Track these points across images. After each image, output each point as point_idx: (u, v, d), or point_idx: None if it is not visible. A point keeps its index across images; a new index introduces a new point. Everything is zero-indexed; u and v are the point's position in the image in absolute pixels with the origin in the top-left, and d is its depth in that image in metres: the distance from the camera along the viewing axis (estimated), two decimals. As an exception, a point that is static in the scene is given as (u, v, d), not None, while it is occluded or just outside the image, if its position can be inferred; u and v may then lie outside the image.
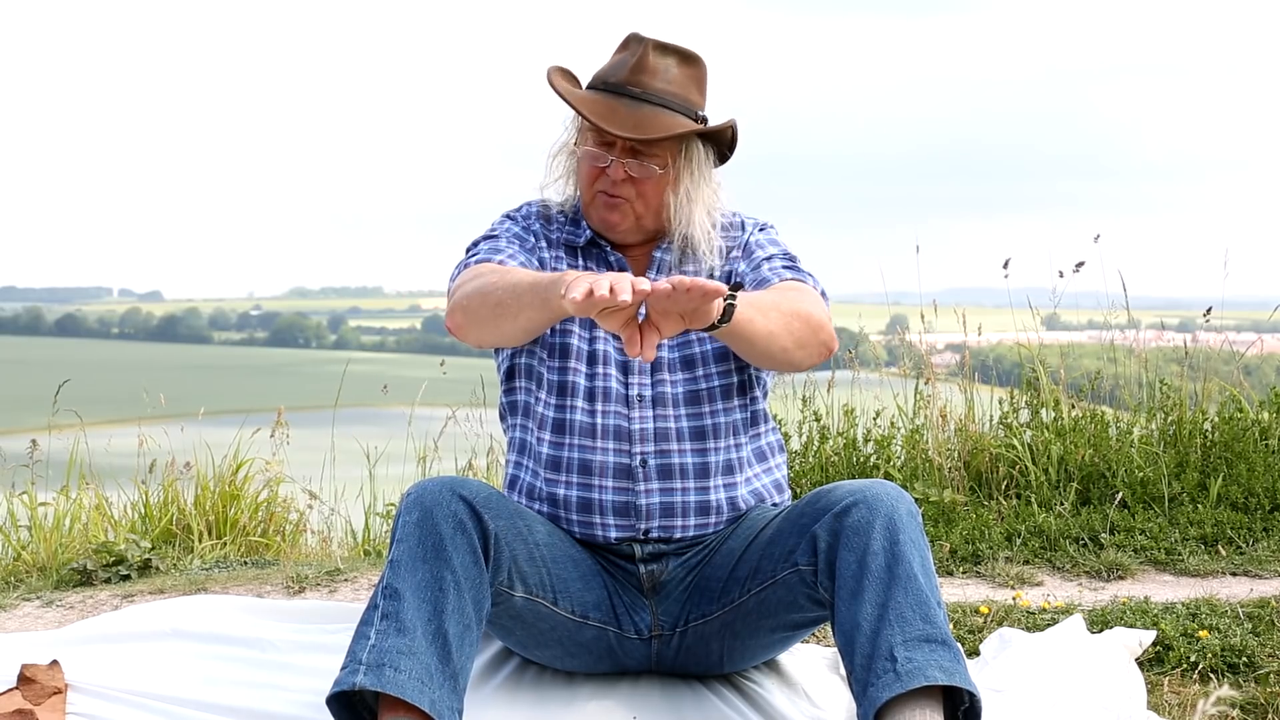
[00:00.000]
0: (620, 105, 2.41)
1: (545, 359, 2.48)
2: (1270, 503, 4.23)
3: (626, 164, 2.42)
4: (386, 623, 2.11)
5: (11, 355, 42.92)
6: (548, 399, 2.47)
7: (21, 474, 4.67)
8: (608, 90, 2.44)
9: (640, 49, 2.44)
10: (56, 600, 3.53)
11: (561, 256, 2.54)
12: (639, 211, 2.47)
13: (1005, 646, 2.81)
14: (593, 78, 2.49)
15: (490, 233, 2.54)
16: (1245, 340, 5.44)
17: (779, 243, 2.57)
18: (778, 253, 2.53)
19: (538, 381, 2.49)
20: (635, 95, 2.42)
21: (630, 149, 2.42)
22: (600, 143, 2.44)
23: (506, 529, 2.27)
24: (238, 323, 69.87)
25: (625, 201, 2.46)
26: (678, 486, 2.45)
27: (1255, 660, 2.84)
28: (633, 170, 2.43)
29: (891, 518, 2.19)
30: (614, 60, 2.48)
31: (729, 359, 2.49)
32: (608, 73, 2.47)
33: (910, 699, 2.06)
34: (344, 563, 3.88)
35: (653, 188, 2.45)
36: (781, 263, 2.51)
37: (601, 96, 2.44)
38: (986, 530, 4.02)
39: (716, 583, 2.43)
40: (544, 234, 2.56)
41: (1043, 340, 5.17)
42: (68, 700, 2.52)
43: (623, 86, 2.43)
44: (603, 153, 2.43)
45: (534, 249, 2.52)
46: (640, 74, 2.42)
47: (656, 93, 2.42)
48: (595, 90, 2.46)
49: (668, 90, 2.43)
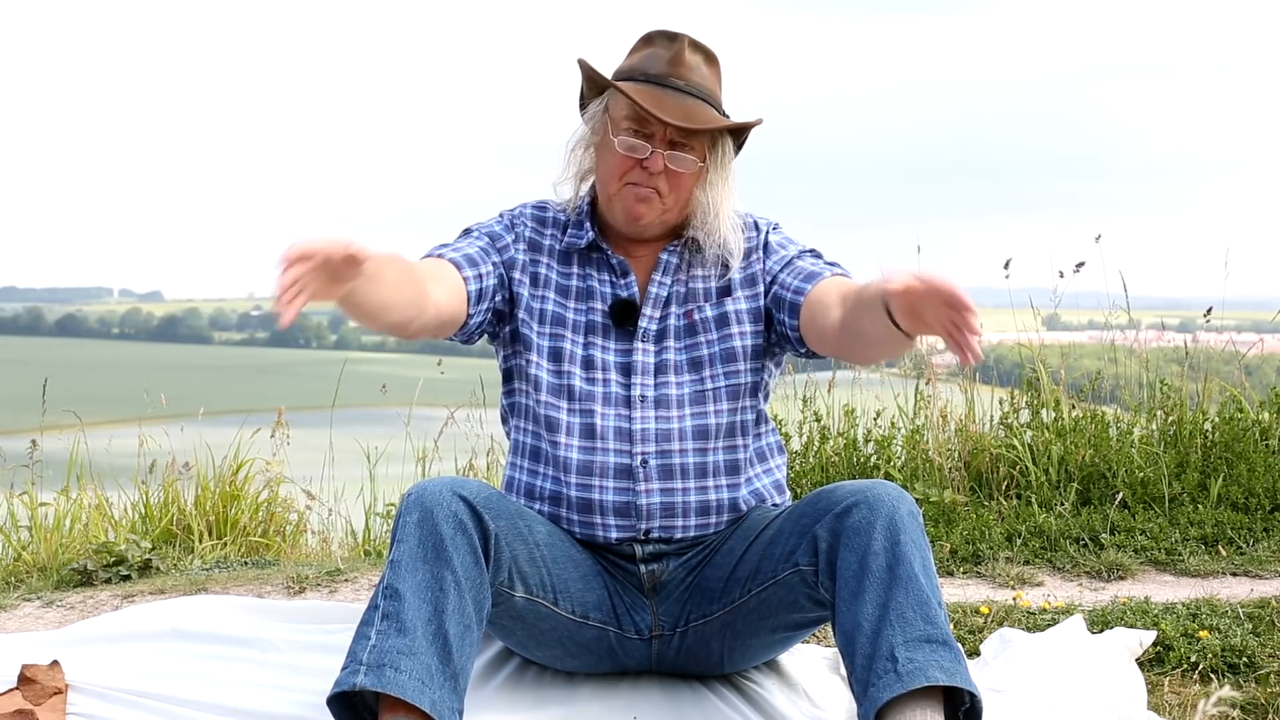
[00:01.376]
0: (666, 95, 2.41)
1: (540, 362, 2.48)
2: (1270, 503, 4.23)
3: (666, 155, 2.42)
4: (387, 623, 2.11)
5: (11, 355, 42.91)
6: (546, 399, 2.47)
7: (21, 474, 4.67)
8: (649, 81, 2.43)
9: (677, 44, 2.44)
10: (57, 600, 3.53)
11: (542, 260, 2.52)
12: (668, 205, 2.46)
13: (1005, 647, 2.81)
14: (620, 71, 2.48)
15: (470, 228, 2.54)
16: (1246, 340, 5.44)
17: (794, 240, 2.57)
18: (805, 248, 2.54)
19: (534, 384, 2.49)
20: (678, 87, 2.42)
21: (670, 141, 2.42)
22: (641, 134, 2.42)
23: (507, 529, 2.27)
24: (238, 323, 69.85)
25: (656, 194, 2.44)
26: (678, 487, 2.45)
27: (1255, 660, 2.84)
28: (671, 162, 2.42)
29: (893, 518, 2.19)
30: (644, 54, 2.46)
31: (737, 360, 2.49)
32: (644, 65, 2.45)
33: (911, 699, 2.06)
34: (344, 563, 3.88)
35: (686, 181, 2.45)
36: (816, 258, 2.52)
37: (644, 86, 2.43)
38: (987, 530, 4.02)
39: (717, 583, 2.43)
40: (531, 237, 2.54)
41: (1043, 340, 5.17)
42: (68, 700, 2.52)
43: (665, 78, 2.43)
44: (643, 144, 2.42)
45: (504, 247, 2.50)
46: (679, 67, 2.43)
47: (696, 86, 2.43)
48: (632, 80, 2.45)
49: (704, 85, 2.45)
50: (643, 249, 2.53)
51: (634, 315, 2.48)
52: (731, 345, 2.48)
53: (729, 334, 2.49)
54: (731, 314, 2.49)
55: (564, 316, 2.49)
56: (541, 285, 2.51)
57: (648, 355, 2.48)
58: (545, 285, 2.51)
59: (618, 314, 2.48)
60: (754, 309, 2.50)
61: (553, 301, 2.50)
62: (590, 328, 2.49)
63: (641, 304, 2.49)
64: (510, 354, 2.54)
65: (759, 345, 2.50)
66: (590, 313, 2.50)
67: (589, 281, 2.51)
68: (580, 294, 2.51)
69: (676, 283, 2.52)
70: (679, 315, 2.50)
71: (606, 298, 2.50)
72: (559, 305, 2.50)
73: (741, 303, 2.50)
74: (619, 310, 2.48)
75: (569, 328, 2.48)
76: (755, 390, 2.52)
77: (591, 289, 2.51)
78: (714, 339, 2.48)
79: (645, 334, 2.48)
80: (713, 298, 2.51)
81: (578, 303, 2.51)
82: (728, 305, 2.50)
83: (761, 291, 2.50)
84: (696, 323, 2.49)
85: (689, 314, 2.50)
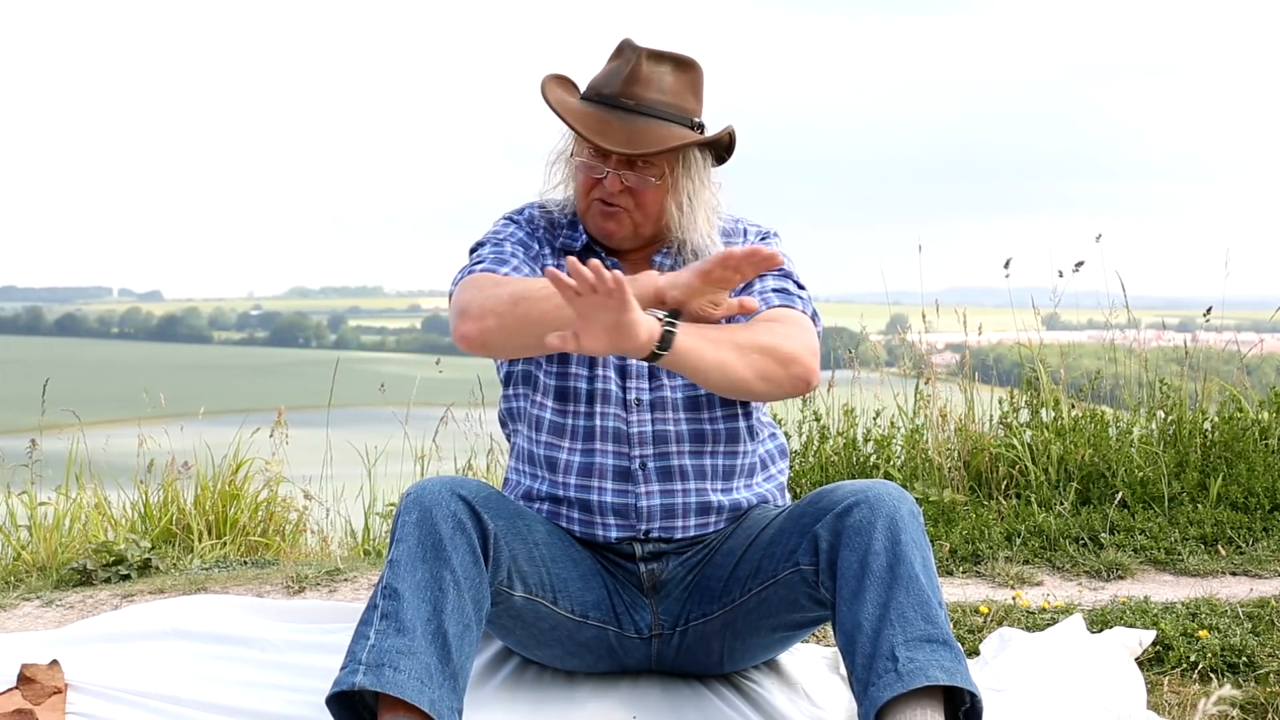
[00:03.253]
0: (613, 118, 2.37)
1: (544, 365, 2.48)
2: (1270, 503, 4.22)
3: (623, 175, 2.40)
4: (386, 623, 2.11)
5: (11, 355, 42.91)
6: (547, 403, 2.47)
7: (21, 473, 4.67)
8: (600, 102, 2.40)
9: (633, 58, 2.39)
10: (56, 600, 3.53)
11: (552, 263, 2.50)
12: (637, 221, 2.45)
13: (1005, 646, 2.81)
14: (587, 87, 2.45)
15: (494, 238, 2.50)
16: (1245, 340, 5.44)
17: (787, 256, 2.55)
18: (781, 270, 2.50)
19: (534, 386, 2.49)
20: (628, 108, 2.38)
21: (626, 161, 2.39)
22: (595, 154, 2.41)
23: (506, 529, 2.27)
24: (238, 322, 69.86)
25: (623, 211, 2.43)
26: (678, 488, 2.44)
27: (1255, 660, 2.84)
28: (629, 181, 2.40)
29: (893, 518, 2.19)
30: (607, 69, 2.44)
31: None
32: (601, 83, 2.42)
33: (911, 699, 2.06)
34: (344, 562, 3.88)
35: (651, 198, 2.42)
36: (773, 285, 2.47)
37: (594, 109, 2.40)
38: (986, 530, 4.02)
39: (717, 582, 2.43)
40: (545, 238, 2.54)
41: (1043, 340, 5.17)
42: (68, 700, 2.52)
43: (615, 99, 2.38)
44: (598, 164, 2.41)
45: (537, 256, 2.50)
46: (633, 85, 2.38)
47: (650, 104, 2.38)
48: (589, 102, 2.42)
49: (661, 100, 2.39)
50: (636, 253, 2.52)
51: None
52: None
53: None
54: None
55: None
56: None
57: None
58: None
59: None
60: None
61: None
62: None
63: None
64: (516, 360, 2.53)
65: None
66: None
67: None
68: None
69: None
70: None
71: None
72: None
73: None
74: None
75: None
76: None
77: None
78: None
79: None
80: None
81: None
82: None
83: None
84: None
85: None
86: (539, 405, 2.48)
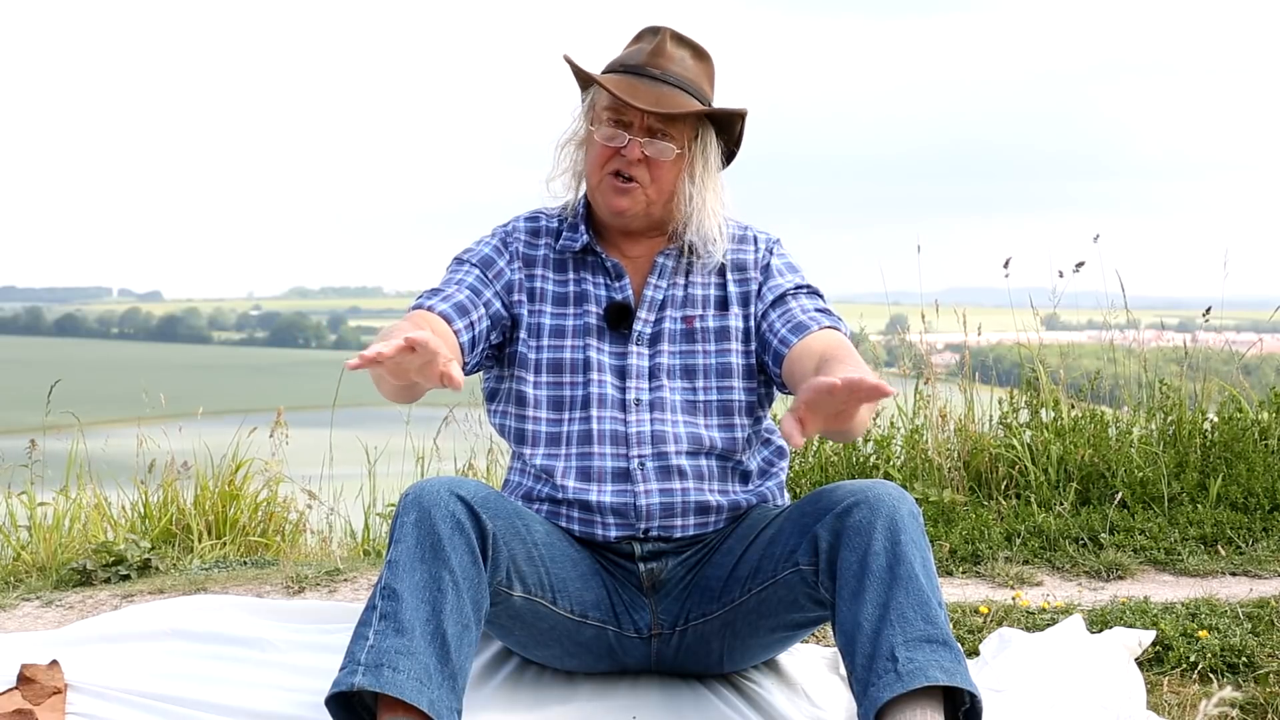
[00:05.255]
0: (640, 83, 2.44)
1: (538, 380, 2.48)
2: (1270, 503, 4.23)
3: (643, 143, 2.43)
4: (385, 623, 2.11)
5: (11, 355, 42.91)
6: (541, 416, 2.48)
7: (21, 474, 4.67)
8: (627, 71, 2.47)
9: (659, 37, 2.48)
10: (56, 600, 3.53)
11: (537, 274, 2.53)
12: (650, 197, 2.47)
13: (1005, 646, 2.81)
14: (610, 63, 2.52)
15: (457, 260, 2.54)
16: (1245, 340, 5.44)
17: (795, 266, 2.58)
18: (800, 283, 2.54)
19: (519, 400, 2.50)
20: (655, 76, 2.45)
21: (648, 128, 2.43)
22: (618, 122, 2.45)
23: (505, 528, 2.27)
24: (237, 323, 69.88)
25: (637, 186, 2.45)
26: (677, 487, 2.45)
27: (1255, 660, 2.84)
28: (648, 150, 2.44)
29: (893, 518, 2.19)
30: (630, 48, 2.51)
31: (730, 376, 2.49)
32: (626, 58, 2.49)
33: (911, 699, 2.06)
34: (344, 563, 3.88)
35: (667, 170, 2.46)
36: (809, 299, 2.51)
37: (622, 76, 2.46)
38: (986, 530, 4.02)
39: (716, 582, 2.43)
40: (526, 252, 2.55)
41: (1043, 340, 5.17)
42: (67, 700, 2.52)
43: (642, 68, 2.46)
44: (619, 132, 2.44)
45: (498, 274, 2.51)
46: (659, 58, 2.46)
47: (675, 75, 2.46)
48: (614, 72, 2.49)
49: (684, 75, 2.47)
50: (638, 250, 2.54)
51: (628, 318, 2.49)
52: (728, 361, 2.49)
53: (727, 349, 2.50)
54: (731, 329, 2.51)
55: (563, 327, 2.50)
56: (539, 299, 2.52)
57: (642, 359, 2.48)
58: (542, 299, 2.52)
59: (612, 317, 2.49)
60: (747, 329, 2.51)
61: (549, 315, 2.51)
62: (586, 330, 2.49)
63: (636, 307, 2.50)
64: (499, 375, 2.54)
65: (751, 365, 2.51)
66: (585, 315, 2.50)
67: (584, 285, 2.52)
68: (575, 299, 2.52)
69: (673, 286, 2.52)
70: (675, 319, 2.50)
71: (601, 300, 2.50)
72: (557, 316, 2.51)
73: (739, 320, 2.51)
74: (613, 314, 2.49)
75: (568, 335, 2.49)
76: (750, 410, 2.51)
77: (586, 293, 2.51)
78: (711, 350, 2.49)
79: (640, 337, 2.49)
80: (712, 307, 2.52)
81: (573, 307, 2.51)
82: (729, 320, 2.51)
83: (754, 313, 2.52)
84: (696, 330, 2.50)
85: (689, 319, 2.50)
86: (533, 420, 2.49)
